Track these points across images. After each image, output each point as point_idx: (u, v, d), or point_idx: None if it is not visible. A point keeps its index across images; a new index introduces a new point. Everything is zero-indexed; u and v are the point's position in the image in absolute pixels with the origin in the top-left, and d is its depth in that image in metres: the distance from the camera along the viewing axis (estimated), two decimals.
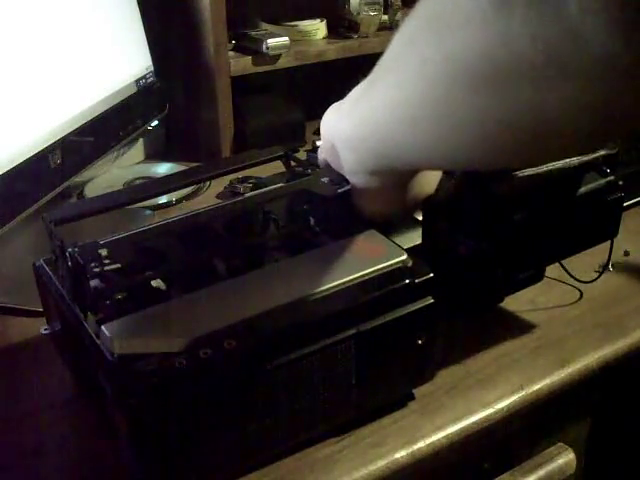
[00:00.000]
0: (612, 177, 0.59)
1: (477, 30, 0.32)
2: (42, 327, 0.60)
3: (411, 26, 0.39)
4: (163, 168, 1.06)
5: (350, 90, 0.51)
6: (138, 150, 1.11)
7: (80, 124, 0.80)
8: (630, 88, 0.30)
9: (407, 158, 0.46)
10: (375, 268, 0.51)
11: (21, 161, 0.69)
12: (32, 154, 0.71)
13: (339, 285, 0.49)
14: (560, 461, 0.66)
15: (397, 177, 0.52)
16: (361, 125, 0.47)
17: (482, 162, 0.42)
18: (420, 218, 0.58)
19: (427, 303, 0.51)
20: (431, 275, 0.51)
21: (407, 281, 0.51)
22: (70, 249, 0.49)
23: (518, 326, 0.66)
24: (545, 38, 0.29)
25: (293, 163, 0.62)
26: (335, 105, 0.54)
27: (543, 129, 0.34)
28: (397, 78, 0.41)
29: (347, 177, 0.53)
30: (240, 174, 0.92)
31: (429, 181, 0.55)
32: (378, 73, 0.44)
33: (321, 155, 0.58)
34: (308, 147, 1.09)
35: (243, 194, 0.87)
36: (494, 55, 0.32)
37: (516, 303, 0.67)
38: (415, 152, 0.44)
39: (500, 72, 0.32)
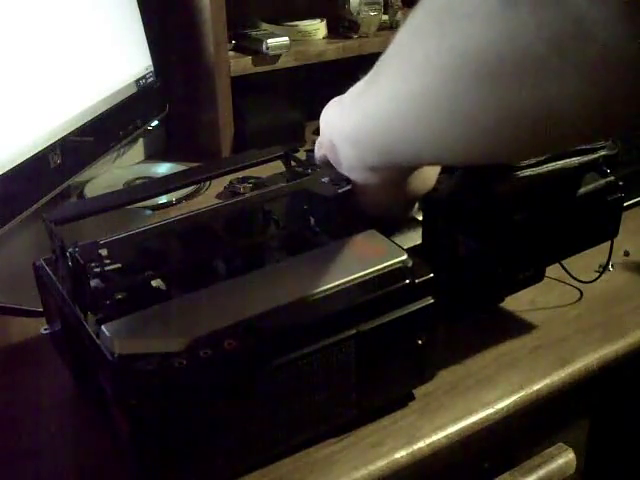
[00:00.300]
0: (612, 177, 0.60)
1: (482, 22, 0.32)
2: (42, 327, 0.60)
3: (415, 19, 0.39)
4: (163, 168, 1.06)
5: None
6: (138, 150, 1.11)
7: (80, 124, 0.80)
8: (635, 79, 0.30)
9: (410, 153, 0.46)
10: (375, 268, 0.51)
11: (21, 161, 0.69)
12: (32, 154, 0.71)
13: (339, 285, 0.49)
14: (560, 461, 0.66)
15: (396, 173, 0.52)
16: (363, 120, 0.47)
17: (485, 155, 0.42)
18: (420, 218, 0.58)
19: (427, 303, 0.51)
20: (431, 275, 0.51)
21: (407, 281, 0.51)
22: (70, 249, 0.49)
23: (518, 326, 0.66)
24: (551, 28, 0.29)
25: (293, 163, 0.62)
26: (335, 100, 0.53)
27: (547, 121, 0.34)
28: (400, 71, 0.40)
29: (345, 173, 0.53)
30: (240, 174, 0.92)
31: (428, 177, 0.55)
32: (381, 67, 0.44)
33: (319, 152, 0.58)
34: (308, 147, 1.09)
35: (243, 194, 0.87)
36: (499, 47, 0.32)
37: (516, 303, 0.67)
38: (418, 146, 0.44)
39: (505, 64, 0.32)
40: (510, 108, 0.34)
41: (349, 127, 0.49)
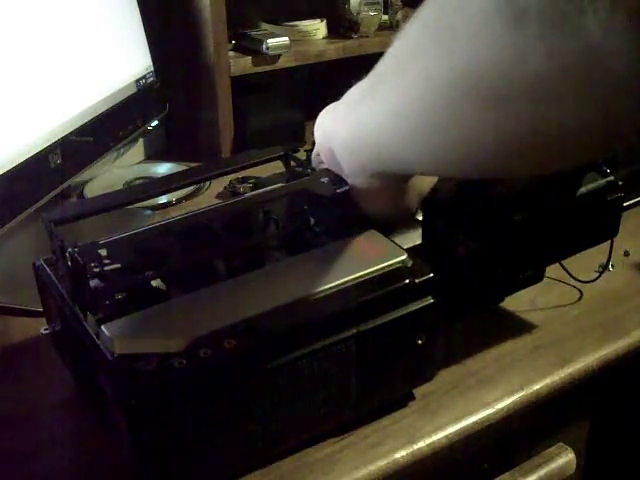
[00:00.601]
0: (612, 177, 0.59)
1: (487, 45, 0.32)
2: (42, 327, 0.60)
3: (415, 33, 0.38)
4: (163, 168, 1.06)
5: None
6: (138, 150, 1.11)
7: (80, 124, 0.80)
8: None
9: (407, 164, 0.46)
10: (375, 268, 0.51)
11: (21, 161, 0.69)
12: (32, 154, 0.71)
13: (339, 285, 0.49)
14: (560, 461, 0.66)
15: (398, 177, 0.52)
16: (360, 129, 0.47)
17: (482, 172, 0.43)
18: (420, 218, 0.58)
19: (427, 303, 0.51)
20: (431, 275, 0.51)
21: (407, 281, 0.51)
22: (70, 249, 0.49)
23: (518, 326, 0.66)
24: (563, 56, 0.29)
25: (293, 163, 0.62)
26: (329, 107, 0.53)
27: (553, 143, 0.34)
28: (400, 85, 0.40)
29: (347, 179, 0.53)
30: (240, 174, 0.92)
31: (431, 180, 0.55)
32: (378, 77, 0.44)
33: (317, 161, 0.58)
34: (308, 147, 1.09)
35: (243, 194, 0.87)
36: (506, 71, 0.32)
37: (516, 303, 0.67)
38: (415, 159, 0.44)
39: (513, 88, 0.32)
40: (511, 129, 0.34)
41: (346, 134, 0.49)
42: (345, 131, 0.49)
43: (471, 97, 0.34)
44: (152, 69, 0.97)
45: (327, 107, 0.54)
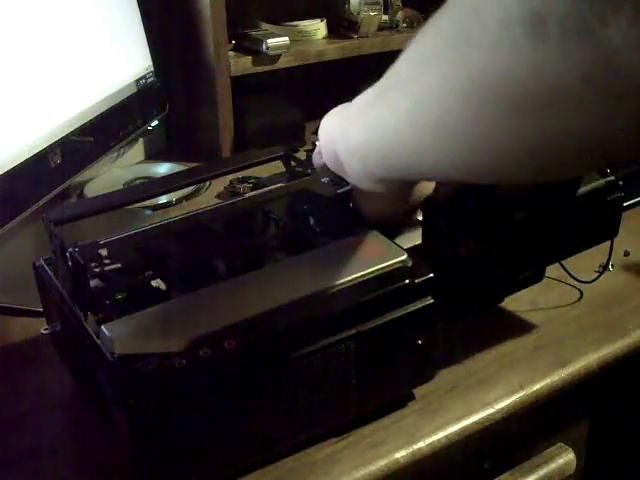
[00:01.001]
0: (612, 177, 0.59)
1: (505, 53, 0.31)
2: (42, 327, 0.60)
3: (431, 40, 0.38)
4: (163, 168, 1.06)
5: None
6: (138, 150, 1.12)
7: (80, 124, 0.80)
8: None
9: (415, 169, 0.46)
10: (375, 268, 0.51)
11: (21, 161, 0.69)
12: (32, 154, 0.71)
13: (339, 285, 0.49)
14: (560, 461, 0.66)
15: (405, 183, 0.51)
16: (370, 133, 0.46)
17: (498, 177, 0.43)
18: (420, 218, 0.58)
19: (427, 303, 0.51)
20: (431, 275, 0.51)
21: (407, 281, 0.51)
22: (70, 249, 0.49)
23: (518, 326, 0.66)
24: (582, 65, 0.29)
25: (293, 163, 0.62)
26: (336, 110, 0.53)
27: (570, 151, 0.34)
28: (415, 90, 0.40)
29: (351, 182, 0.53)
30: (240, 174, 0.92)
31: (432, 185, 0.55)
32: (391, 82, 0.43)
33: (319, 160, 0.58)
34: (308, 147, 1.09)
35: (243, 194, 0.87)
36: (523, 79, 0.31)
37: (516, 303, 0.67)
38: (427, 164, 0.43)
39: (531, 97, 0.32)
40: (533, 137, 0.34)
41: (355, 141, 0.48)
42: (354, 135, 0.48)
43: (487, 104, 0.34)
44: (152, 69, 0.97)
45: (333, 109, 0.53)
